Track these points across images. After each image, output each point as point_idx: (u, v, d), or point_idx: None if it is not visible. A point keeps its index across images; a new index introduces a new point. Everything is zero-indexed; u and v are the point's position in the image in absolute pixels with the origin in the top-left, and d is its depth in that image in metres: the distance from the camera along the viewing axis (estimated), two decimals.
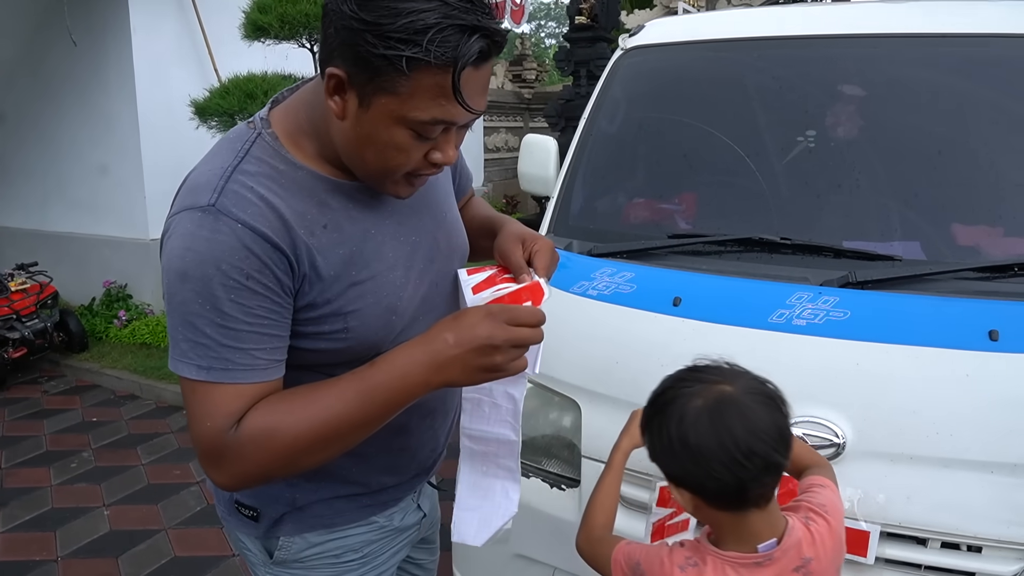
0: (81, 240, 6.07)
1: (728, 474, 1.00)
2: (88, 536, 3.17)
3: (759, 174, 2.02)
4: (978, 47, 2.03)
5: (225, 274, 0.92)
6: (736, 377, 1.07)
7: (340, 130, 0.98)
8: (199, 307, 0.93)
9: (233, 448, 0.95)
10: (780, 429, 1.03)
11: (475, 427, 1.26)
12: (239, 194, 0.95)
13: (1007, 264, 1.64)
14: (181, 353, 0.96)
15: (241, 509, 1.22)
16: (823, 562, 1.09)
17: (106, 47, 5.54)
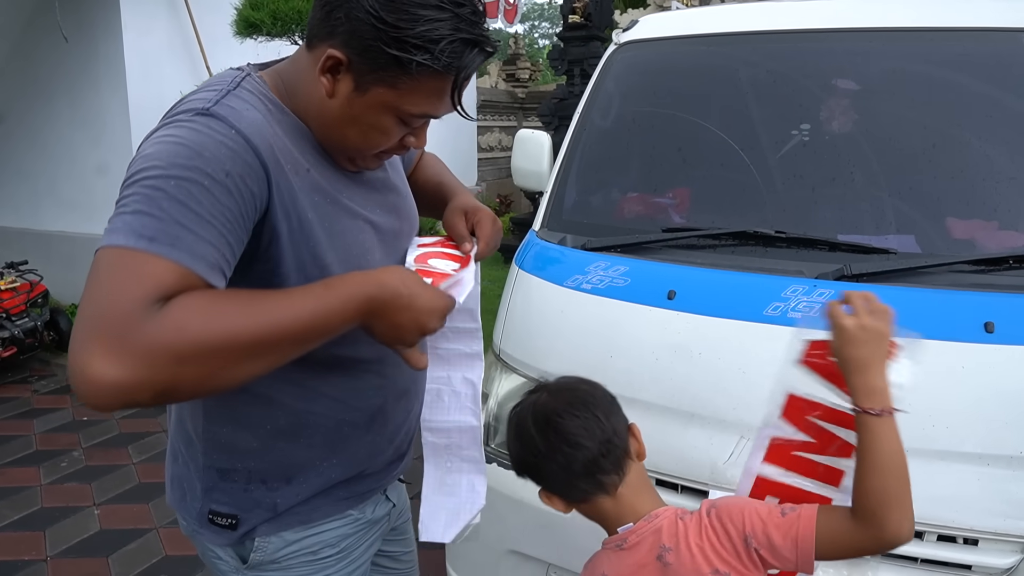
0: (72, 239, 6.02)
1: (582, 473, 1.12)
2: (78, 536, 3.14)
3: (753, 168, 2.01)
4: (971, 41, 2.03)
5: (207, 161, 0.87)
6: (557, 390, 1.19)
7: (325, 106, 1.00)
8: (164, 184, 0.84)
9: (150, 331, 0.77)
10: (601, 428, 1.13)
11: (436, 419, 1.28)
12: (235, 109, 0.94)
13: (1002, 257, 1.64)
14: (120, 227, 0.82)
15: (216, 519, 1.15)
16: (683, 557, 1.06)
17: (97, 45, 5.50)
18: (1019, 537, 1.41)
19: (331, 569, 1.22)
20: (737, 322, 1.61)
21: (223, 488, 1.15)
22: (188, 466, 1.17)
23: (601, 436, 1.12)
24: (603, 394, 1.19)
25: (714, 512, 1.08)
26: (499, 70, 13.95)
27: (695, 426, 1.61)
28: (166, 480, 1.25)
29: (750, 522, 1.05)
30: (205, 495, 1.15)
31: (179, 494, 1.21)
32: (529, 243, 2.07)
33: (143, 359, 0.77)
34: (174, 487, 1.22)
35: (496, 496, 1.85)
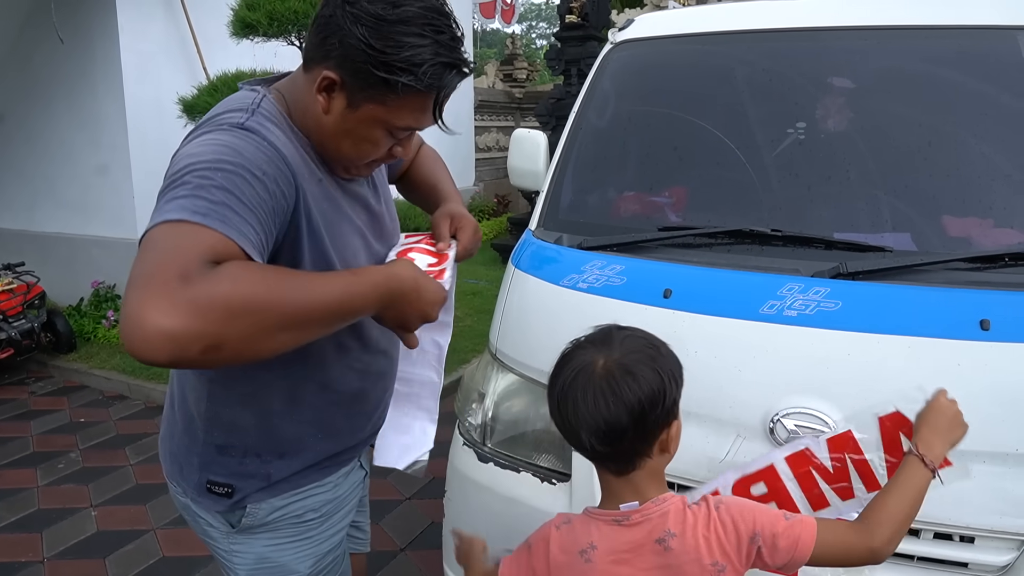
0: (69, 240, 6.02)
1: (588, 440, 1.07)
2: (75, 537, 3.14)
3: (749, 166, 2.01)
4: (967, 39, 2.03)
5: (248, 160, 1.00)
6: (620, 349, 1.09)
7: (322, 121, 1.14)
8: (213, 175, 0.95)
9: (203, 284, 0.84)
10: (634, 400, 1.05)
11: (404, 371, 1.48)
12: (264, 125, 1.08)
13: (998, 254, 1.64)
14: (173, 208, 0.91)
15: (214, 488, 1.28)
16: (687, 544, 1.08)
17: (93, 46, 5.50)
18: (1015, 534, 1.41)
19: (312, 532, 1.37)
20: (733, 320, 1.61)
21: (220, 462, 1.28)
22: (186, 443, 1.30)
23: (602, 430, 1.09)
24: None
25: (723, 508, 1.11)
26: (496, 70, 13.95)
27: (691, 425, 1.60)
28: (161, 456, 1.40)
29: (760, 522, 1.09)
30: (203, 468, 1.29)
31: (176, 467, 1.34)
32: (525, 242, 2.07)
33: (198, 309, 0.82)
34: (172, 461, 1.35)
35: (493, 496, 1.86)
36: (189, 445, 1.30)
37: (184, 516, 1.40)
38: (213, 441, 1.27)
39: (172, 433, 1.35)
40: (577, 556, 1.13)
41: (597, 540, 1.13)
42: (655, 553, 1.09)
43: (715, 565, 1.07)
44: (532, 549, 1.21)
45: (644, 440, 1.09)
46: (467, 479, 1.91)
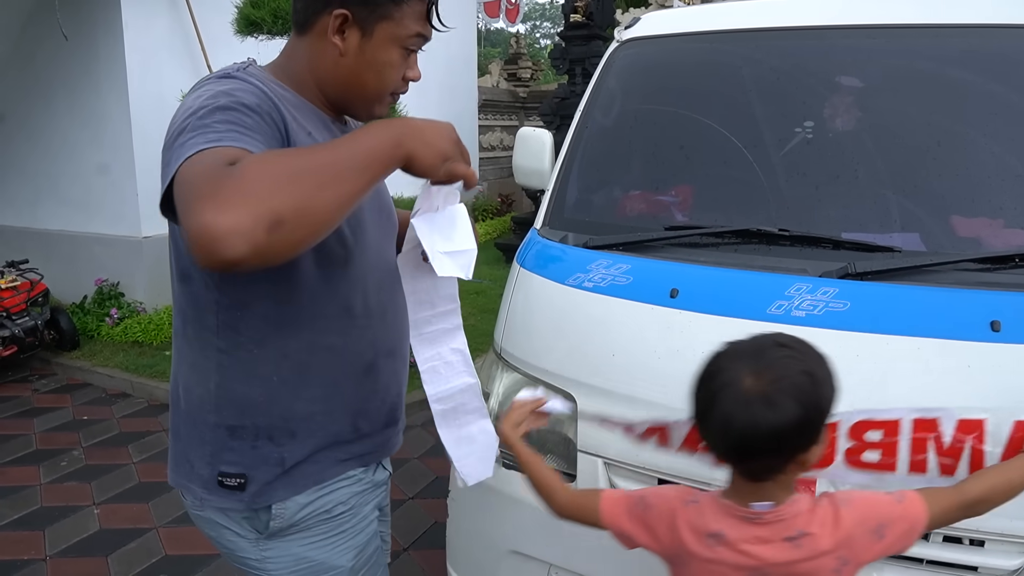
0: (73, 238, 6.02)
1: (722, 451, 1.13)
2: (77, 535, 3.13)
3: (756, 166, 2.00)
4: (977, 37, 2.01)
5: (241, 99, 1.06)
6: (771, 372, 1.07)
7: (339, 68, 1.22)
8: (212, 115, 1.01)
9: (234, 175, 0.89)
10: (768, 432, 1.06)
11: (439, 390, 1.44)
12: (252, 75, 1.15)
13: (1008, 255, 1.62)
14: (185, 146, 0.97)
15: (225, 480, 1.23)
16: (816, 541, 1.12)
17: (97, 44, 5.50)
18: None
19: (346, 525, 1.34)
20: (740, 320, 1.60)
21: (231, 447, 1.24)
22: (195, 436, 1.26)
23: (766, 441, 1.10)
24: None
25: (848, 505, 1.15)
26: (500, 69, 13.94)
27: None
28: (169, 464, 1.33)
29: (882, 514, 1.15)
30: (213, 457, 1.24)
31: (185, 468, 1.28)
32: (530, 241, 2.06)
33: (243, 195, 0.87)
34: (179, 464, 1.30)
35: (498, 496, 1.85)
36: (199, 436, 1.25)
37: (208, 534, 1.33)
38: (223, 422, 1.23)
39: (177, 433, 1.30)
40: (704, 538, 1.17)
41: (726, 529, 1.16)
42: (783, 550, 1.13)
43: (840, 559, 1.13)
44: (651, 510, 1.25)
45: (779, 462, 1.11)
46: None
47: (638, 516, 1.26)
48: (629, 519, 1.27)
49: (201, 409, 1.24)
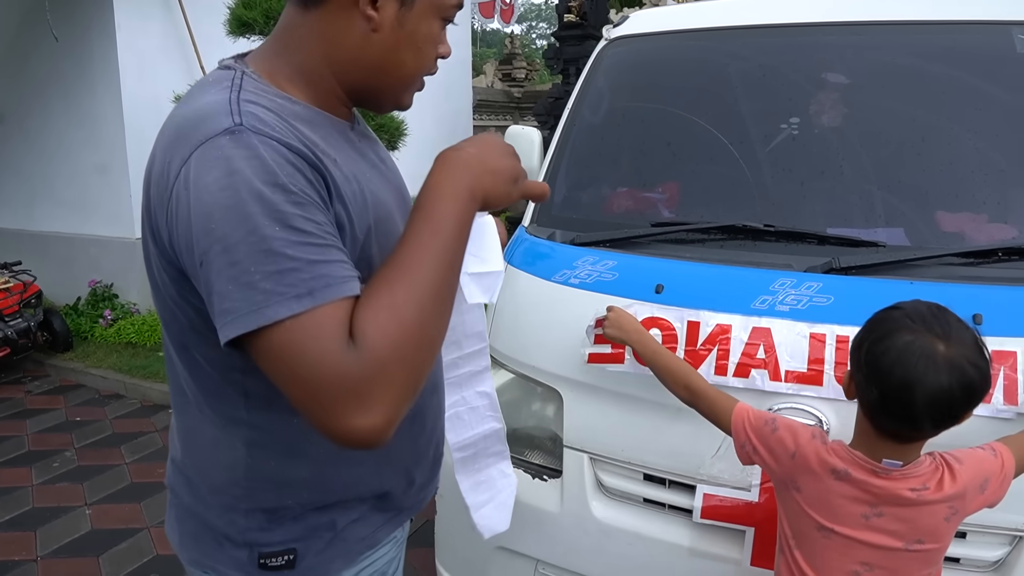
0: (67, 239, 6.01)
1: (878, 398, 1.17)
2: (69, 535, 3.13)
3: (743, 162, 2.00)
4: (961, 34, 2.02)
5: (284, 188, 0.81)
6: (957, 342, 1.15)
7: (373, 45, 0.97)
8: (271, 230, 0.79)
9: (367, 362, 0.77)
10: (948, 404, 1.14)
11: (462, 438, 1.34)
12: (257, 115, 0.86)
13: (990, 249, 1.63)
14: (263, 297, 0.77)
15: (271, 562, 1.03)
16: (933, 495, 1.21)
17: (91, 45, 5.50)
18: (1007, 530, 1.40)
19: None
20: (725, 315, 1.60)
21: (273, 528, 1.03)
22: (219, 517, 1.04)
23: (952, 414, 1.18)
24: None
25: (960, 464, 1.24)
26: (495, 70, 13.94)
27: (683, 421, 1.60)
28: (177, 537, 1.12)
29: (985, 469, 1.25)
30: (250, 542, 1.03)
31: (210, 547, 1.06)
32: (518, 239, 2.06)
33: (387, 387, 0.78)
34: (200, 541, 1.07)
35: None
36: (226, 518, 1.03)
37: None
38: (259, 506, 1.02)
39: (190, 513, 1.08)
40: (828, 471, 1.25)
41: (852, 470, 1.24)
42: (902, 501, 1.21)
43: (952, 508, 1.22)
44: (778, 432, 1.32)
45: (943, 427, 1.18)
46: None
47: (765, 435, 1.33)
48: (755, 433, 1.34)
49: (226, 493, 1.03)
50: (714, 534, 1.59)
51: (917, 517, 1.22)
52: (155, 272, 0.94)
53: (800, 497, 1.30)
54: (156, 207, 0.88)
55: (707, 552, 1.58)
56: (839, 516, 1.25)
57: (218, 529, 1.04)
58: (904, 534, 1.22)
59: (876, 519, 1.23)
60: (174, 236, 0.84)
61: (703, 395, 1.44)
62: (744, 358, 1.56)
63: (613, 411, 1.70)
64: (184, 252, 0.83)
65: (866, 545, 1.24)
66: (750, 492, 1.54)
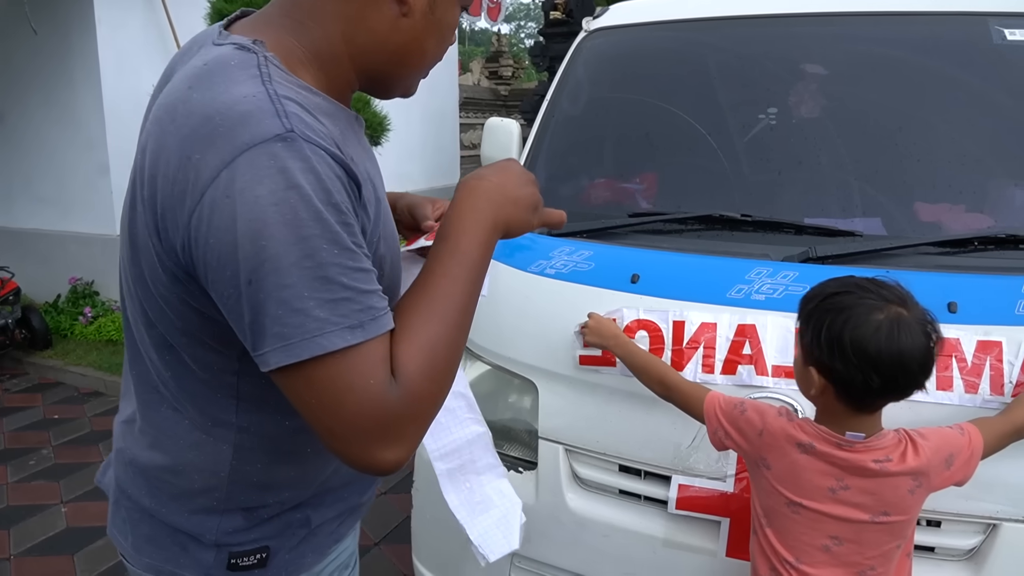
0: (47, 236, 5.94)
1: (880, 382, 1.18)
2: (43, 534, 3.08)
3: (720, 152, 1.99)
4: (938, 25, 2.02)
5: (337, 208, 0.78)
6: (909, 303, 1.20)
7: (397, 33, 0.92)
8: (328, 255, 0.76)
9: (407, 401, 0.80)
10: (931, 359, 1.19)
11: (441, 444, 1.22)
12: (301, 117, 0.79)
13: (965, 239, 1.63)
14: (318, 325, 0.75)
15: (241, 561, 1.00)
16: (896, 467, 1.23)
17: (70, 40, 5.43)
18: (981, 518, 1.40)
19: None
20: (700, 304, 1.59)
21: (248, 527, 1.00)
22: (188, 519, 0.99)
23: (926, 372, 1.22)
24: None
25: (925, 438, 1.26)
26: (482, 67, 13.91)
27: (658, 411, 1.59)
28: (129, 542, 1.05)
29: (951, 444, 1.27)
30: (221, 542, 1.00)
31: (172, 551, 1.01)
32: None
33: (416, 426, 0.82)
34: (159, 546, 1.02)
35: None
36: (196, 521, 1.00)
37: None
38: (237, 506, 0.99)
39: (151, 514, 1.02)
40: (794, 446, 1.28)
41: (817, 443, 1.26)
42: (866, 472, 1.24)
43: (916, 482, 1.24)
44: (746, 413, 1.36)
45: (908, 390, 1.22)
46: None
47: (734, 417, 1.37)
48: (726, 417, 1.38)
49: (204, 495, 0.99)
50: (689, 525, 1.57)
51: (881, 489, 1.24)
52: (146, 270, 0.87)
53: (769, 475, 1.32)
54: (167, 205, 0.80)
55: (682, 543, 1.57)
56: (807, 490, 1.27)
57: (184, 531, 1.00)
58: (870, 506, 1.24)
59: (843, 492, 1.25)
60: (196, 242, 0.78)
61: (676, 388, 1.49)
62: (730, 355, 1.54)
63: (588, 402, 1.68)
64: (212, 262, 0.77)
65: (834, 519, 1.26)
66: (725, 483, 1.53)
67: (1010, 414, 1.35)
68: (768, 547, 1.33)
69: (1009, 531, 1.39)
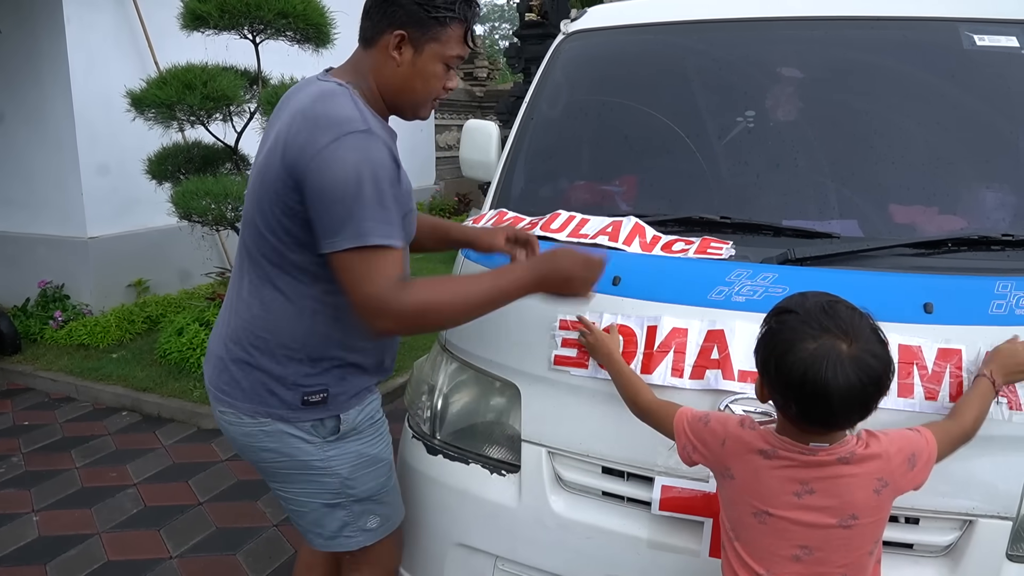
0: (14, 239, 5.82)
1: (797, 411, 1.20)
2: (14, 543, 3.02)
3: (699, 155, 2.01)
4: (912, 30, 2.05)
5: (388, 174, 1.43)
6: (858, 337, 1.18)
7: (396, 75, 1.54)
8: (389, 189, 1.42)
9: (406, 307, 1.44)
10: (862, 400, 1.17)
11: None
12: (374, 124, 1.46)
13: (940, 240, 1.65)
14: (367, 229, 1.38)
15: (311, 398, 1.58)
16: (862, 466, 1.23)
17: (38, 38, 5.33)
18: (958, 515, 1.42)
19: (382, 427, 1.74)
20: (681, 306, 1.60)
21: (312, 373, 1.57)
22: (276, 371, 1.56)
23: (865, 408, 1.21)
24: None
25: (888, 437, 1.27)
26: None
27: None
28: (227, 399, 1.61)
29: (914, 445, 1.28)
30: (296, 383, 1.57)
31: (262, 396, 1.58)
32: None
33: (406, 319, 1.46)
34: (252, 395, 1.58)
35: (443, 488, 1.82)
36: (281, 371, 1.56)
37: (268, 446, 1.60)
38: (309, 355, 1.57)
39: (252, 372, 1.58)
40: (756, 452, 1.28)
41: (779, 449, 1.26)
42: (832, 466, 1.23)
43: (880, 480, 1.24)
44: (709, 425, 1.37)
45: (862, 416, 1.21)
46: (416, 472, 1.88)
47: (699, 430, 1.38)
48: (692, 431, 1.39)
49: (287, 346, 1.56)
50: (673, 526, 1.58)
51: (847, 491, 1.23)
52: (268, 194, 1.49)
53: (734, 484, 1.32)
54: (295, 155, 1.42)
55: (666, 544, 1.58)
56: (771, 497, 1.26)
57: (271, 382, 1.57)
58: (837, 510, 1.23)
59: (808, 497, 1.24)
60: (310, 175, 1.40)
61: (648, 409, 1.50)
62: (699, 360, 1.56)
63: (571, 405, 1.68)
64: (318, 187, 1.39)
65: (801, 525, 1.24)
66: (708, 483, 1.54)
67: (958, 418, 1.36)
68: (738, 561, 1.32)
69: (984, 527, 1.42)
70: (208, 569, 2.84)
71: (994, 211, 1.79)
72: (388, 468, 1.75)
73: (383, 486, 1.73)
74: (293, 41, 4.85)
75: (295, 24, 4.64)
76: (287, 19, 4.57)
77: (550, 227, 1.88)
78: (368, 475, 1.68)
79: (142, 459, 3.79)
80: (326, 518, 1.69)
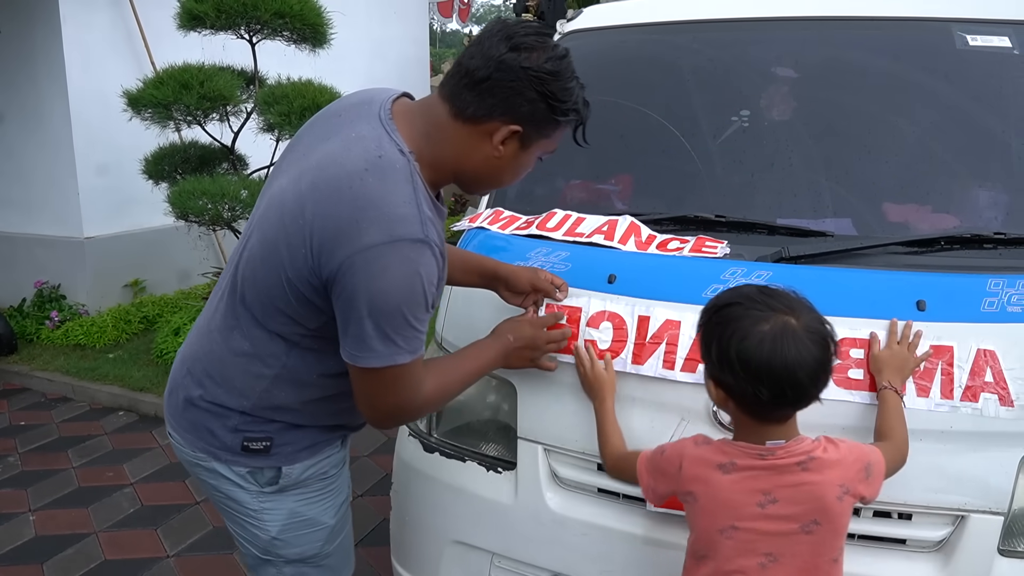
0: (10, 239, 5.81)
1: (769, 395, 1.19)
2: (10, 543, 3.02)
3: (695, 154, 2.02)
4: (906, 30, 2.07)
5: (432, 286, 1.28)
6: (800, 311, 1.21)
7: (489, 164, 1.34)
8: (422, 312, 1.28)
9: (421, 406, 1.42)
10: (823, 368, 1.20)
11: None
12: (429, 227, 1.26)
13: (934, 238, 1.66)
14: (395, 349, 1.27)
15: (252, 444, 1.44)
16: (823, 470, 1.24)
17: (34, 37, 5.32)
18: (950, 510, 1.43)
19: (333, 485, 1.58)
20: (676, 304, 1.61)
21: (260, 427, 1.44)
22: (224, 415, 1.43)
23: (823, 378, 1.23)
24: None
25: (844, 445, 1.28)
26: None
27: (635, 409, 1.61)
28: (177, 426, 1.51)
29: (868, 456, 1.29)
30: (238, 430, 1.43)
31: (204, 431, 1.46)
32: (472, 231, 2.05)
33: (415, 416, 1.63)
34: (195, 429, 1.47)
35: (439, 486, 1.83)
36: (223, 412, 1.44)
37: (206, 481, 1.51)
38: (261, 415, 1.43)
39: (208, 409, 1.45)
40: (715, 469, 1.28)
41: (738, 460, 1.26)
42: (793, 472, 1.24)
43: (842, 487, 1.24)
44: (664, 454, 1.37)
45: (812, 397, 1.23)
46: (413, 469, 1.89)
47: (657, 463, 1.38)
48: (650, 468, 1.39)
49: (238, 397, 1.42)
50: (668, 522, 1.59)
51: (809, 497, 1.23)
52: (285, 277, 1.30)
53: (698, 507, 1.31)
54: (325, 239, 1.22)
55: (661, 540, 1.59)
56: (736, 510, 1.26)
57: (214, 421, 1.44)
58: (799, 516, 1.24)
59: (771, 506, 1.24)
60: (344, 275, 1.22)
61: (616, 464, 1.52)
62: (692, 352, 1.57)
63: (567, 402, 1.69)
64: (351, 292, 1.22)
65: (766, 535, 1.25)
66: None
67: (893, 439, 1.37)
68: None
69: (976, 522, 1.43)
70: (205, 568, 2.84)
71: (986, 210, 1.80)
72: (327, 533, 1.57)
73: (320, 550, 1.57)
74: (290, 41, 4.86)
75: (292, 24, 4.65)
76: (284, 19, 4.58)
77: (546, 226, 1.89)
78: (300, 538, 1.54)
79: (139, 459, 3.80)
80: (260, 568, 1.59)
